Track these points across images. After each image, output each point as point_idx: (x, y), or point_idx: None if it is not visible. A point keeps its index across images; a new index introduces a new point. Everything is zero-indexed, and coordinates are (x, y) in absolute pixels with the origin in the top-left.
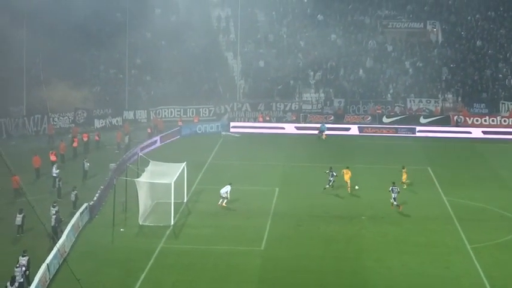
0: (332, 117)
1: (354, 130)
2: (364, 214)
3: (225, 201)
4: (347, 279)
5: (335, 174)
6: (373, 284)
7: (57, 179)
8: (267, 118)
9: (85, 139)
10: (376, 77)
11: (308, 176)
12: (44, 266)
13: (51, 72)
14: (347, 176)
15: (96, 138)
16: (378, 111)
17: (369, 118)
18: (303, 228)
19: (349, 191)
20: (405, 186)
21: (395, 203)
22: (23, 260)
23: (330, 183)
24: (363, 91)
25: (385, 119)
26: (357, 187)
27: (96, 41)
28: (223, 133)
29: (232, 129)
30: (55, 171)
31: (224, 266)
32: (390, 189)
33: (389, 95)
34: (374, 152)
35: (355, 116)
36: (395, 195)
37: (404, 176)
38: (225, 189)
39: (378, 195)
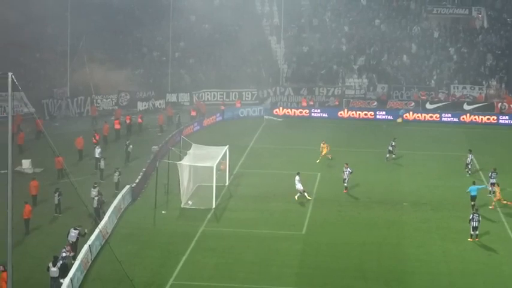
0: (375, 103)
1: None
2: (405, 200)
3: (305, 193)
4: (388, 265)
5: (393, 143)
6: (413, 271)
7: (101, 160)
8: (311, 103)
9: (128, 121)
10: (420, 62)
11: (350, 161)
12: (86, 247)
13: (95, 54)
14: (325, 150)
15: (139, 120)
16: (422, 98)
17: (412, 104)
18: (344, 213)
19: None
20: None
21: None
22: (74, 232)
23: (389, 155)
24: (406, 77)
25: (428, 105)
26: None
27: (140, 23)
28: (266, 117)
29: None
30: (98, 152)
31: (265, 250)
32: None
33: (433, 81)
34: (417, 138)
35: (399, 102)
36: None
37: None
38: (299, 182)
39: (420, 181)
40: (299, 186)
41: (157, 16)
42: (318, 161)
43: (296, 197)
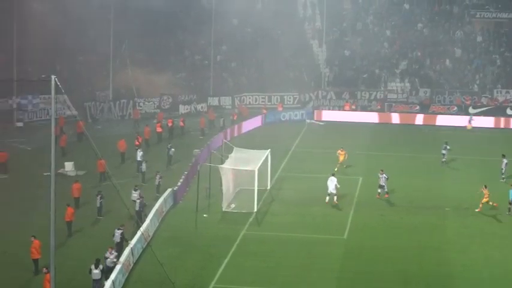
0: (417, 107)
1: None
2: (448, 205)
3: (335, 198)
4: (430, 271)
5: (448, 147)
6: (456, 276)
7: (142, 163)
8: (353, 107)
9: (170, 124)
10: (462, 67)
11: (392, 166)
12: (128, 250)
13: (137, 57)
14: (341, 157)
15: (181, 123)
16: (467, 102)
17: (455, 108)
18: (386, 218)
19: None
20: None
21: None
22: (118, 233)
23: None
24: (449, 81)
25: (471, 110)
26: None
27: (182, 26)
28: (308, 121)
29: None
30: (140, 155)
31: (306, 254)
32: None
33: (476, 86)
34: (459, 142)
35: (441, 106)
36: None
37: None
38: (333, 184)
39: (462, 186)
40: (331, 187)
41: (199, 20)
42: (336, 169)
43: (327, 200)
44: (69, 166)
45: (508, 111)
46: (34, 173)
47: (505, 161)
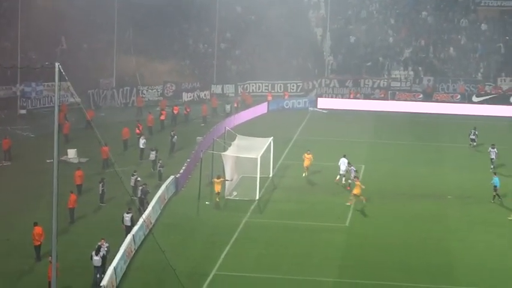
0: (421, 95)
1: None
2: (450, 193)
3: (343, 178)
4: (431, 259)
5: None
6: (457, 264)
7: (151, 152)
8: (357, 95)
9: (175, 112)
10: (466, 55)
11: (394, 154)
12: (129, 237)
13: (141, 44)
14: (307, 161)
15: (185, 112)
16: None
17: (458, 97)
18: (388, 206)
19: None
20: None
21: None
22: (127, 217)
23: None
24: (452, 69)
25: (474, 98)
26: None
27: (186, 14)
28: (311, 109)
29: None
30: (142, 143)
31: (308, 242)
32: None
33: (479, 74)
34: (461, 131)
35: (445, 94)
36: None
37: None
38: (344, 166)
39: (465, 175)
40: (343, 168)
41: (203, 7)
42: (304, 175)
43: (337, 179)
44: (72, 153)
45: None
46: (37, 160)
47: (493, 150)
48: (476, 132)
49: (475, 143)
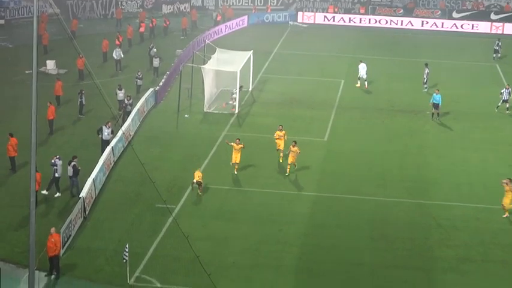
0: (401, 11)
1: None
2: (428, 109)
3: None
4: (409, 174)
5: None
6: (434, 180)
7: (154, 59)
8: (336, 9)
9: (153, 24)
10: None
11: (375, 69)
12: (108, 149)
13: None
14: (281, 141)
15: (165, 24)
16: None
17: (439, 12)
18: (367, 121)
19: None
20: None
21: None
22: (121, 93)
23: (496, 55)
24: None
25: (455, 14)
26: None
27: None
28: (291, 23)
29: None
30: (117, 54)
31: (286, 156)
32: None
33: None
34: (441, 47)
35: (425, 10)
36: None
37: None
38: (363, 70)
39: (444, 90)
40: (362, 72)
41: None
42: (280, 160)
43: (358, 84)
44: (50, 64)
45: (492, 16)
46: (15, 70)
47: (426, 70)
48: (500, 43)
49: (499, 54)
